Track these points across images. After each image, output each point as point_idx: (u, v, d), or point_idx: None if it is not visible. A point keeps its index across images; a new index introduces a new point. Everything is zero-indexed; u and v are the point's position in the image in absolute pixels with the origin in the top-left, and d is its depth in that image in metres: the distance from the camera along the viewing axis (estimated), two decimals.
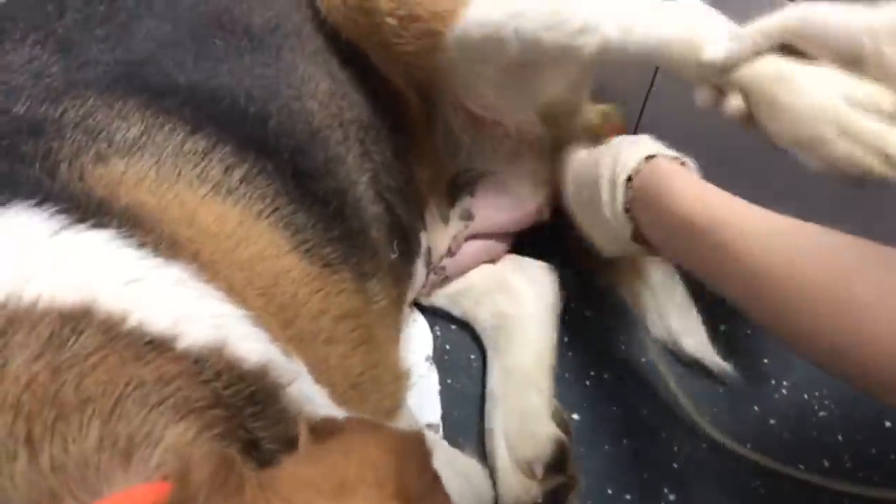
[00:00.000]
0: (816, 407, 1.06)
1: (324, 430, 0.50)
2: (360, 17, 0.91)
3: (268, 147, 0.76)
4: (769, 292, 0.64)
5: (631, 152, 0.88)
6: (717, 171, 0.88)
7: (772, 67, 0.76)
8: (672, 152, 0.88)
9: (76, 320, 0.48)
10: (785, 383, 1.08)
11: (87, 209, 0.57)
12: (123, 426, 0.45)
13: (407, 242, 0.98)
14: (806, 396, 1.07)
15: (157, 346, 0.49)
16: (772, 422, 1.03)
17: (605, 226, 0.92)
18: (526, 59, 0.90)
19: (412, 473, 0.47)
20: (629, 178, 0.86)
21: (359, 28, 0.92)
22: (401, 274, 0.96)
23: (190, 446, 0.46)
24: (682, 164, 0.86)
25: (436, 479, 0.50)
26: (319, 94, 0.87)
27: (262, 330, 0.58)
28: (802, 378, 1.08)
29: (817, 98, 0.73)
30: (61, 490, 0.42)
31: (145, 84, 0.73)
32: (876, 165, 0.69)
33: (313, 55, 0.90)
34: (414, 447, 0.49)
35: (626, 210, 0.87)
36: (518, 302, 1.07)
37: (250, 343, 0.55)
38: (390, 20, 0.89)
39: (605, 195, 0.89)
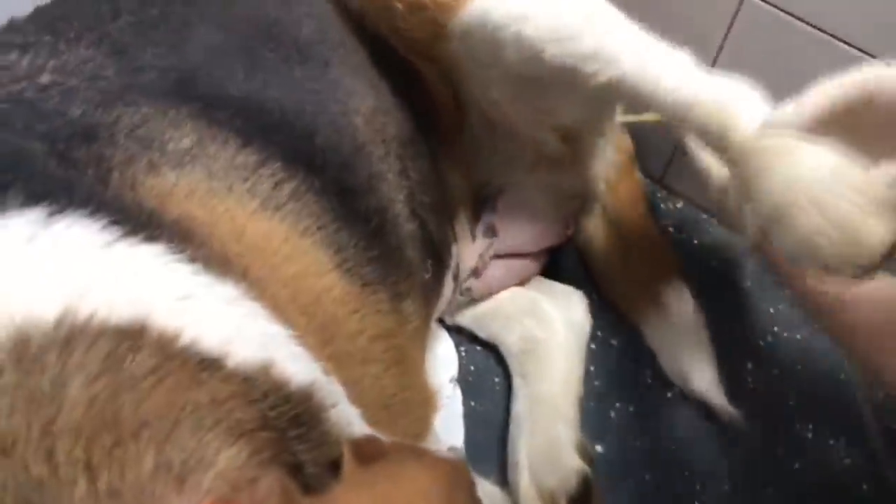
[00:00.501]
0: (842, 453, 1.06)
1: (367, 453, 0.50)
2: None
3: (315, 163, 0.75)
4: None
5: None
6: None
7: (780, 141, 0.73)
8: None
9: (133, 338, 0.48)
10: (811, 426, 1.07)
11: (138, 221, 0.56)
12: (178, 452, 0.45)
13: (438, 258, 0.98)
14: (832, 442, 1.06)
15: (209, 365, 0.49)
16: (796, 466, 1.03)
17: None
18: (527, 71, 0.87)
19: (459, 493, 0.48)
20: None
21: (374, 12, 0.90)
22: (432, 291, 0.96)
23: (241, 470, 0.46)
24: None
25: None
26: (364, 109, 0.87)
27: (306, 350, 0.57)
28: (824, 423, 1.07)
29: (805, 167, 0.70)
30: None
31: (197, 93, 0.73)
32: (834, 251, 0.67)
33: (358, 68, 0.90)
34: (461, 476, 0.50)
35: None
36: (548, 327, 1.06)
37: (296, 364, 0.55)
38: (398, 4, 0.87)
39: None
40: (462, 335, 1.13)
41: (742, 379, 1.09)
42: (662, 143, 1.23)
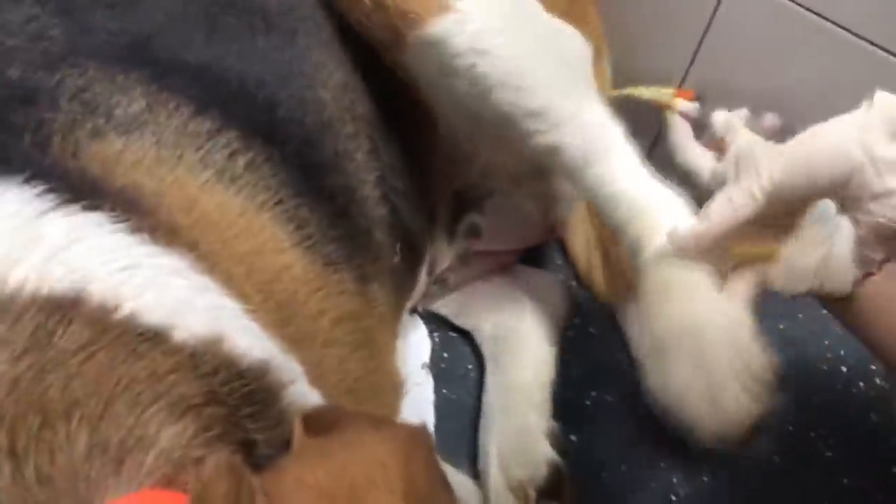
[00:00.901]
0: (821, 447, 1.03)
1: (319, 423, 0.48)
2: None
3: (276, 136, 0.71)
4: None
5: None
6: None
7: (685, 277, 0.71)
8: None
9: (64, 310, 0.44)
10: (791, 419, 1.05)
11: (79, 189, 0.53)
12: (114, 431, 0.42)
13: (411, 249, 0.94)
14: (813, 435, 1.04)
15: (151, 338, 0.46)
16: (776, 459, 1.01)
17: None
18: (473, 105, 0.83)
19: (420, 472, 0.45)
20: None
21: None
22: (403, 280, 0.92)
23: (185, 449, 0.43)
24: None
25: (443, 477, 0.48)
26: (332, 84, 0.82)
27: (261, 326, 0.54)
28: (805, 416, 1.05)
29: (699, 317, 0.69)
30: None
31: (151, 58, 0.68)
32: (697, 413, 0.67)
33: (328, 43, 0.85)
34: (419, 443, 0.48)
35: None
36: (523, 315, 1.03)
37: (249, 339, 0.52)
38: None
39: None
40: (436, 321, 1.09)
41: None
42: (648, 125, 1.20)
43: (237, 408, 0.48)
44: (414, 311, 1.08)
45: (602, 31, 1.06)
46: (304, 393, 0.56)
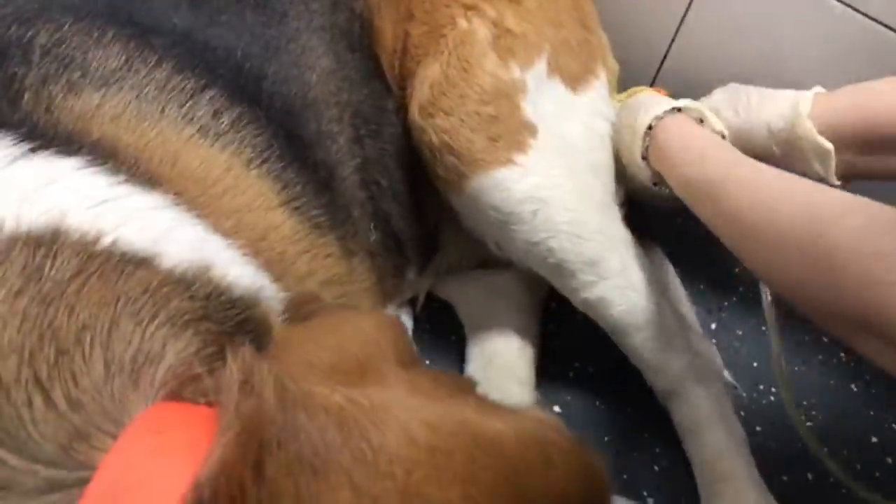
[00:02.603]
0: (804, 417, 1.04)
1: (296, 311, 0.50)
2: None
3: (261, 102, 0.69)
4: (752, 236, 0.67)
5: (656, 104, 0.91)
6: None
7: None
8: (698, 108, 0.91)
9: (47, 245, 0.43)
10: (773, 390, 1.04)
11: (52, 138, 0.51)
12: (125, 348, 0.42)
13: (398, 247, 0.93)
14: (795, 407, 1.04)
15: (138, 262, 0.45)
16: (758, 429, 1.01)
17: (628, 169, 0.94)
18: (529, 250, 0.87)
19: (403, 346, 0.48)
20: (649, 127, 0.89)
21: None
22: (384, 271, 0.91)
23: (191, 365, 0.43)
24: (701, 120, 0.90)
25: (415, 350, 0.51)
26: (319, 68, 0.81)
27: (250, 258, 0.52)
28: (794, 386, 1.05)
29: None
30: (86, 426, 0.40)
31: (132, 19, 0.65)
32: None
33: (318, 30, 0.84)
34: (395, 324, 0.51)
35: (644, 158, 0.90)
36: (505, 286, 1.02)
37: (239, 269, 0.50)
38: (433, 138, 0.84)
39: (626, 140, 0.92)
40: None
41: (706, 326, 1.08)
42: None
43: (231, 335, 0.47)
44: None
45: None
46: None
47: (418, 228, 0.95)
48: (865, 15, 0.95)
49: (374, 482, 0.37)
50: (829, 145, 0.81)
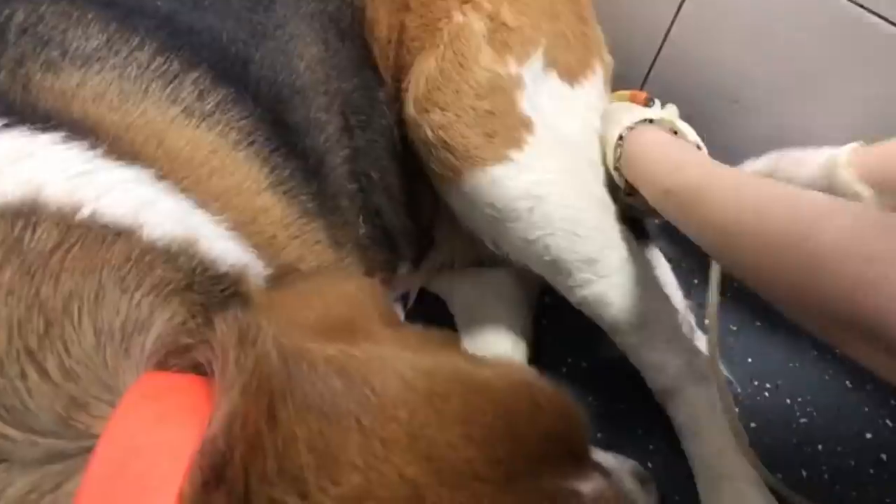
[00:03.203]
0: (798, 413, 1.02)
1: (274, 280, 0.51)
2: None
3: (248, 86, 0.67)
4: (738, 243, 0.65)
5: (627, 114, 0.89)
6: (723, 128, 0.92)
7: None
8: (671, 119, 0.89)
9: (26, 216, 0.42)
10: (768, 385, 1.03)
11: (30, 115, 0.49)
12: (114, 316, 0.42)
13: (390, 242, 0.91)
14: (788, 401, 1.03)
15: (119, 233, 0.44)
16: (752, 425, 0.99)
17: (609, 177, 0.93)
18: (525, 247, 0.85)
19: (384, 305, 0.50)
20: (620, 138, 0.87)
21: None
22: (372, 265, 0.89)
23: (177, 335, 0.42)
24: (675, 132, 0.88)
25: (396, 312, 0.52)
26: (307, 56, 0.80)
27: (237, 234, 0.51)
28: (786, 382, 1.03)
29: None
30: (83, 396, 0.40)
31: (114, 1, 0.64)
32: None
33: (309, 17, 0.83)
34: (373, 285, 0.53)
35: (616, 168, 0.88)
36: (497, 280, 1.00)
37: (225, 243, 0.49)
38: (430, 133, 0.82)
39: (603, 150, 0.91)
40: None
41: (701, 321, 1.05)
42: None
43: (216, 310, 0.46)
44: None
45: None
46: None
47: (411, 224, 0.93)
48: (863, 7, 0.94)
49: (382, 425, 0.38)
50: (868, 191, 0.78)
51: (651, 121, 0.88)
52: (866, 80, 0.92)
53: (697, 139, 0.88)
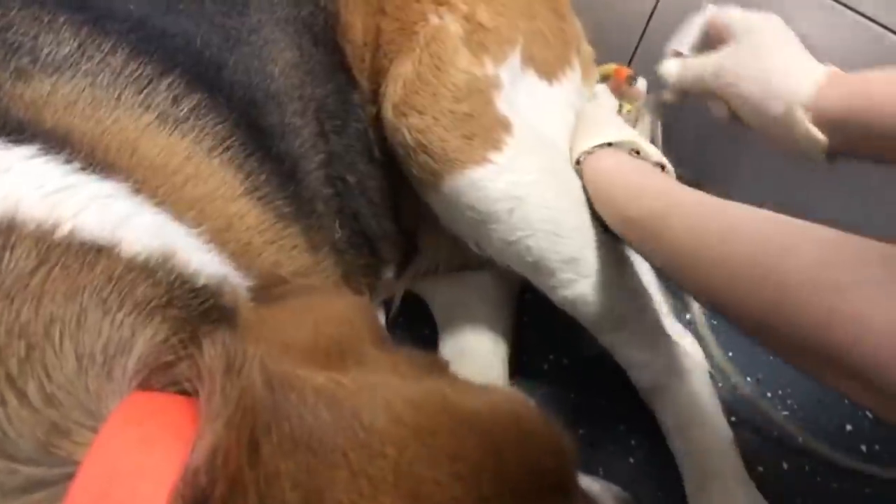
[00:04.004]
0: (780, 406, 1.03)
1: (263, 292, 0.50)
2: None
3: (222, 90, 0.67)
4: (704, 272, 0.64)
5: (586, 138, 0.88)
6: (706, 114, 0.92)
7: None
8: (632, 141, 0.87)
9: (4, 235, 0.42)
10: (748, 379, 1.04)
11: (2, 128, 0.48)
12: (95, 339, 0.41)
13: (370, 245, 0.91)
14: (769, 395, 1.04)
15: (99, 251, 0.44)
16: (732, 419, 1.00)
17: None
18: (506, 249, 0.85)
19: (375, 324, 0.49)
20: (577, 162, 0.87)
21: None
22: (354, 271, 0.88)
23: (160, 353, 0.42)
24: (637, 152, 0.86)
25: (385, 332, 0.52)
26: (281, 60, 0.79)
27: (213, 247, 0.51)
28: (768, 375, 1.04)
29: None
30: (64, 422, 0.39)
31: (85, 5, 0.63)
32: None
33: (283, 22, 0.82)
34: (365, 304, 0.52)
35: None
36: (477, 278, 0.99)
37: (201, 257, 0.49)
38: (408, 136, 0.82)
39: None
40: None
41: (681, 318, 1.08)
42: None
43: (197, 323, 0.46)
44: None
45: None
46: None
47: (392, 227, 0.93)
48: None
49: (370, 461, 0.38)
50: (821, 137, 0.79)
51: (610, 144, 0.86)
52: (844, 64, 0.93)
53: (661, 158, 0.86)
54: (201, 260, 0.49)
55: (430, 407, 0.41)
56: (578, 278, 0.85)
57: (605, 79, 1.04)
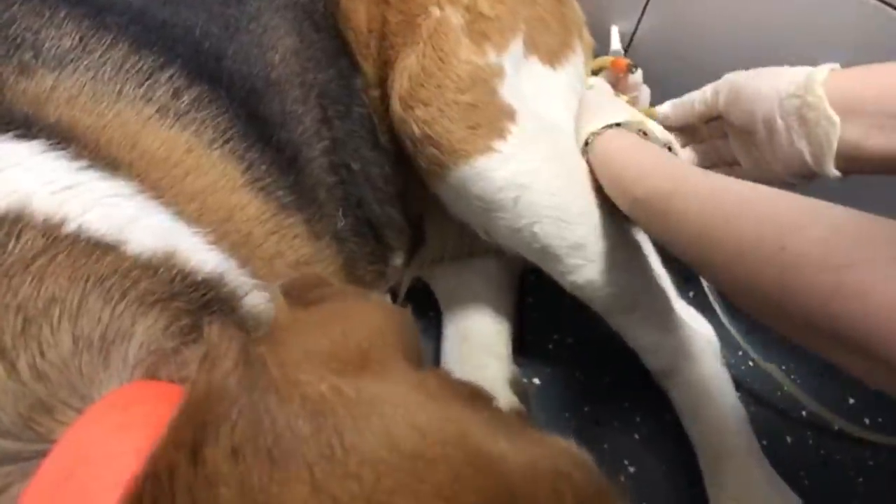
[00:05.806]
0: (781, 379, 1.04)
1: (305, 296, 0.48)
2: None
3: (222, 81, 0.67)
4: (710, 250, 0.64)
5: (593, 119, 0.88)
6: None
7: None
8: (640, 122, 0.87)
9: (11, 223, 0.42)
10: (753, 356, 1.06)
11: (9, 122, 0.49)
12: (94, 324, 0.41)
13: (376, 235, 0.91)
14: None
15: (105, 247, 0.44)
16: (738, 394, 1.01)
17: None
18: (514, 237, 0.85)
19: (409, 338, 0.46)
20: (585, 143, 0.87)
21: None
22: (358, 259, 0.89)
23: (163, 339, 0.42)
24: (644, 133, 0.86)
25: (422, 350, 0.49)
26: (282, 47, 0.80)
27: (215, 245, 0.52)
28: (771, 350, 1.05)
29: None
30: (50, 399, 0.39)
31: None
32: None
33: (283, 8, 0.83)
34: (404, 315, 0.49)
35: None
36: (479, 261, 1.00)
37: (203, 253, 0.50)
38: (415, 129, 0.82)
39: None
40: None
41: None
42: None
43: (198, 315, 0.47)
44: None
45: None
46: (259, 304, 0.54)
47: (397, 214, 0.94)
48: None
49: (338, 481, 0.34)
50: (836, 118, 0.76)
51: (618, 124, 0.87)
52: (847, 51, 0.92)
53: (669, 138, 0.87)
54: (202, 257, 0.50)
55: (441, 436, 0.36)
56: (586, 263, 0.85)
57: (598, 71, 1.04)
